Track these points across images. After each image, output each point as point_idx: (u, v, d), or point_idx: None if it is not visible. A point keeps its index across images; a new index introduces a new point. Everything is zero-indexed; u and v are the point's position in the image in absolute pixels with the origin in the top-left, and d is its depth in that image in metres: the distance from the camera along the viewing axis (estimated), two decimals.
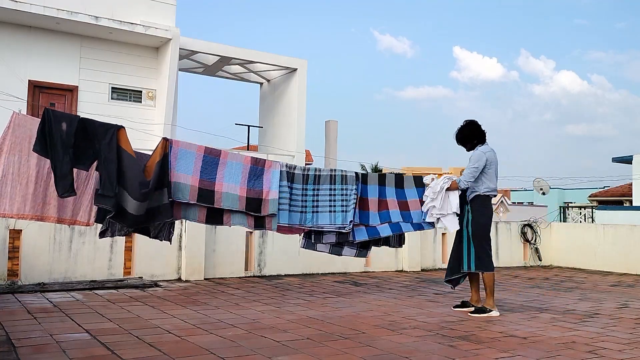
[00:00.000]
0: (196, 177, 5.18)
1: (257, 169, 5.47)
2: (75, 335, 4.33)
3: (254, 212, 5.41)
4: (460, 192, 5.76)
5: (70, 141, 4.56)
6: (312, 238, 6.00)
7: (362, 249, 6.28)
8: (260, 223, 5.52)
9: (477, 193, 5.73)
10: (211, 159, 5.28)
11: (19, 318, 4.92)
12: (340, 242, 6.03)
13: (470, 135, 5.87)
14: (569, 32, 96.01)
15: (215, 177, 5.26)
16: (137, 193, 4.72)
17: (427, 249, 10.33)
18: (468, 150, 5.93)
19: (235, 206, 5.32)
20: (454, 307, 5.97)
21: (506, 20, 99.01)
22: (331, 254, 6.25)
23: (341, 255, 6.29)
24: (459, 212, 5.73)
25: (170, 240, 5.51)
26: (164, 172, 4.98)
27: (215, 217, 5.36)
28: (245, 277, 8.41)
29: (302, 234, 6.13)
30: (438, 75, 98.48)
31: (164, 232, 5.44)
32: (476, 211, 5.74)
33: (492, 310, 5.63)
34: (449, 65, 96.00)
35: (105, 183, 4.65)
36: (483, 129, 5.89)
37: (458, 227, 5.77)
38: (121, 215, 4.80)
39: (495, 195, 5.97)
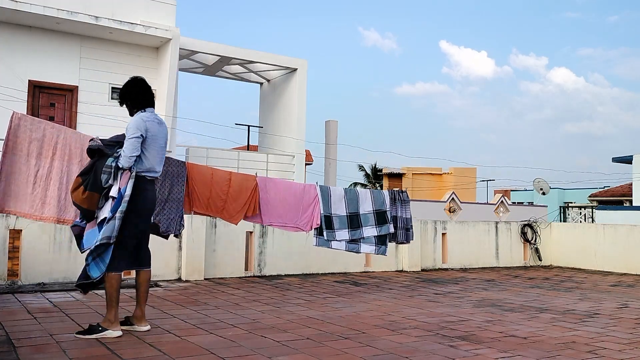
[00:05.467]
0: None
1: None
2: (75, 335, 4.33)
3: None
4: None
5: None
6: (325, 235, 5.95)
7: (381, 244, 6.15)
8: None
9: (134, 172, 4.35)
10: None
11: (19, 318, 4.92)
12: (356, 239, 5.98)
13: (129, 95, 4.55)
14: (560, 27, 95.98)
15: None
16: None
17: (427, 249, 10.34)
18: (131, 114, 4.58)
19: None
20: (76, 334, 4.25)
21: (496, 14, 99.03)
22: (348, 251, 6.15)
23: (359, 252, 6.20)
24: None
25: (180, 234, 5.49)
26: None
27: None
28: (245, 277, 8.41)
29: (314, 232, 6.09)
30: (431, 73, 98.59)
31: (173, 226, 5.44)
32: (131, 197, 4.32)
33: (106, 330, 4.21)
34: (440, 61, 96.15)
35: None
36: (151, 92, 4.60)
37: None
38: None
39: (156, 178, 4.61)
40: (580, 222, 21.59)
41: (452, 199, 16.06)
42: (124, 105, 4.61)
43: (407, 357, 3.88)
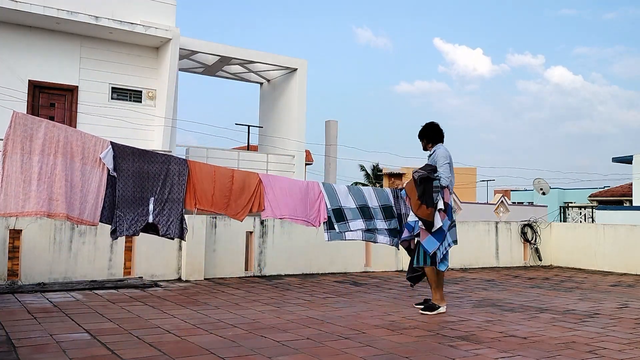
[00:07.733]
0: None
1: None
2: (75, 335, 4.33)
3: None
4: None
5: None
6: (337, 228, 5.98)
7: (393, 237, 6.32)
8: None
9: (451, 188, 5.93)
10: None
11: (19, 318, 4.92)
12: (371, 229, 6.08)
13: (433, 134, 5.97)
14: (555, 25, 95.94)
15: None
16: None
17: None
18: (425, 148, 6.04)
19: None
20: (421, 312, 5.73)
21: (489, 11, 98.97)
22: (365, 240, 6.36)
23: (377, 242, 6.40)
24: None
25: (183, 237, 5.50)
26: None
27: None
28: (245, 277, 8.41)
29: (324, 227, 6.10)
30: (427, 71, 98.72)
31: (173, 229, 5.42)
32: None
33: (439, 306, 5.67)
34: (435, 59, 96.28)
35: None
36: (442, 132, 6.04)
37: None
38: None
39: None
40: (580, 222, 21.60)
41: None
42: (423, 141, 5.99)
43: (407, 357, 3.88)
